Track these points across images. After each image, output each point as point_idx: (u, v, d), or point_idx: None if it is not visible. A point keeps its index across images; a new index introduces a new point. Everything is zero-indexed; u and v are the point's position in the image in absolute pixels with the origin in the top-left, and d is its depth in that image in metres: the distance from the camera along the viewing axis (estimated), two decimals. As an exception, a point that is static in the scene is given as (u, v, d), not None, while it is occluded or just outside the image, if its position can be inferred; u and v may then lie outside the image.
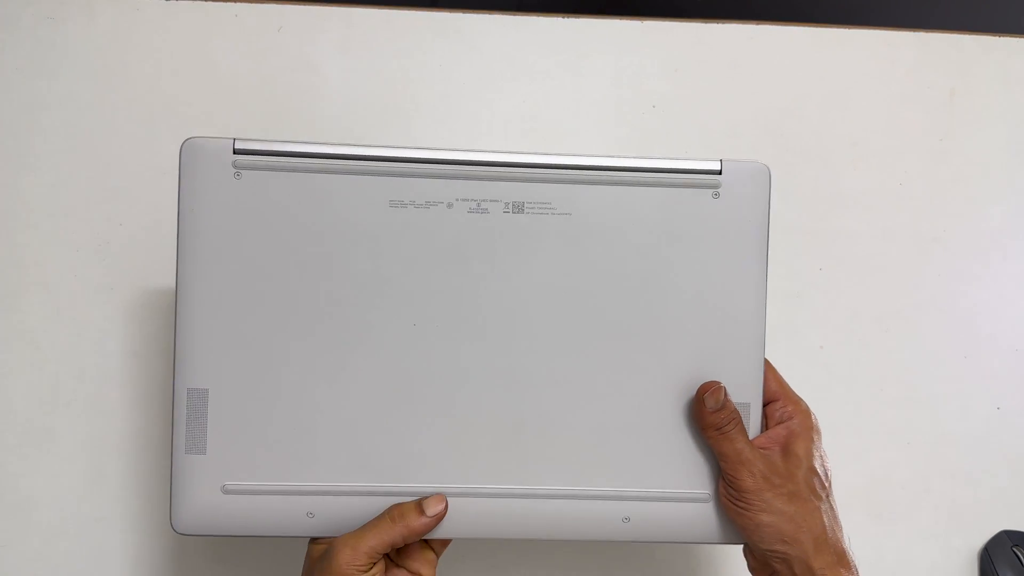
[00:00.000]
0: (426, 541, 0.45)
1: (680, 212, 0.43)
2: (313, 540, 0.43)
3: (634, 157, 0.43)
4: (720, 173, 0.43)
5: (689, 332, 0.44)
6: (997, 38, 0.67)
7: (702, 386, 0.43)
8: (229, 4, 0.61)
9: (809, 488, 0.42)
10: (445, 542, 0.45)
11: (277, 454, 0.43)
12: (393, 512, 0.42)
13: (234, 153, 0.42)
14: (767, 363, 0.45)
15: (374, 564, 0.41)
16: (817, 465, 0.43)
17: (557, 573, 0.59)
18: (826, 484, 0.44)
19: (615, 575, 0.59)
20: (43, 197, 0.58)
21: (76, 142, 0.59)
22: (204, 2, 0.61)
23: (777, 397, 0.45)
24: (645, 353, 0.44)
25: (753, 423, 0.44)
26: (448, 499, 0.43)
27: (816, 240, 0.63)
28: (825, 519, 0.42)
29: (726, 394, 0.43)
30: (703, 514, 0.44)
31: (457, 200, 0.43)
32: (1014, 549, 0.60)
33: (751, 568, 0.45)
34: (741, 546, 0.46)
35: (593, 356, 0.44)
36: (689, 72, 0.64)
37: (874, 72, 0.65)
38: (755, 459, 0.42)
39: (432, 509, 0.42)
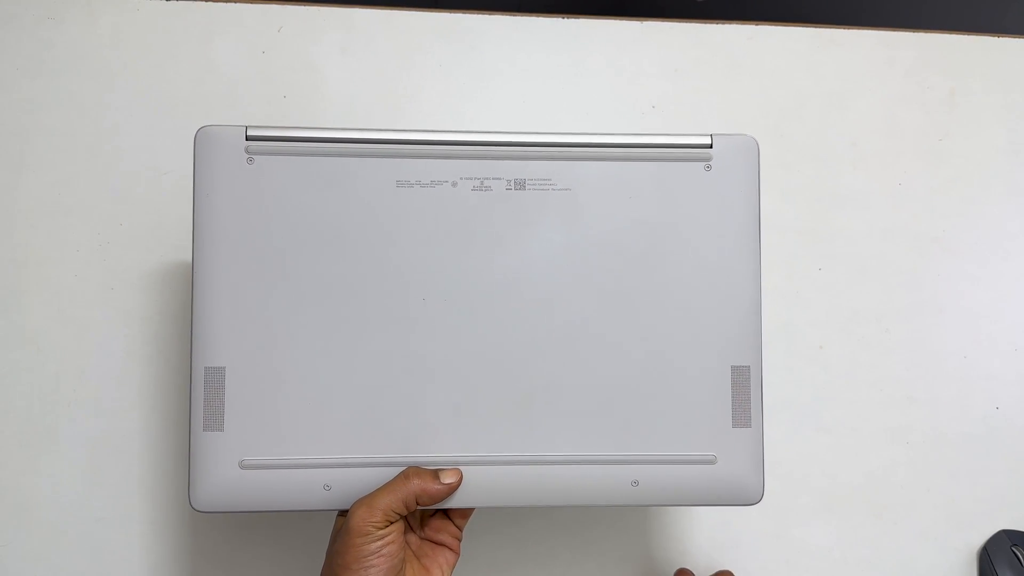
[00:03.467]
0: (447, 515, 0.46)
1: (675, 184, 0.45)
2: (340, 513, 0.44)
3: (631, 134, 0.45)
4: (711, 147, 0.46)
5: (688, 297, 0.45)
6: (997, 38, 0.67)
7: None
8: (229, 4, 0.61)
9: None
10: (465, 514, 0.46)
11: (294, 428, 0.44)
12: (408, 472, 0.43)
13: (247, 139, 0.44)
14: None
15: (391, 523, 0.41)
16: None
17: (556, 571, 0.59)
18: None
19: (612, 573, 0.59)
20: (43, 197, 0.58)
21: (76, 142, 0.59)
22: (204, 2, 0.61)
23: None
24: (647, 319, 0.45)
25: (754, 386, 0.45)
26: (463, 468, 0.44)
27: (816, 240, 0.63)
28: None
29: None
30: (709, 476, 0.45)
31: (461, 179, 0.45)
32: (1013, 549, 0.60)
33: None
34: (748, 507, 0.46)
35: (597, 324, 0.45)
36: (689, 72, 0.64)
37: (874, 72, 0.65)
38: None
39: (447, 478, 0.43)
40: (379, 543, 0.40)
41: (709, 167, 0.45)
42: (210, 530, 0.57)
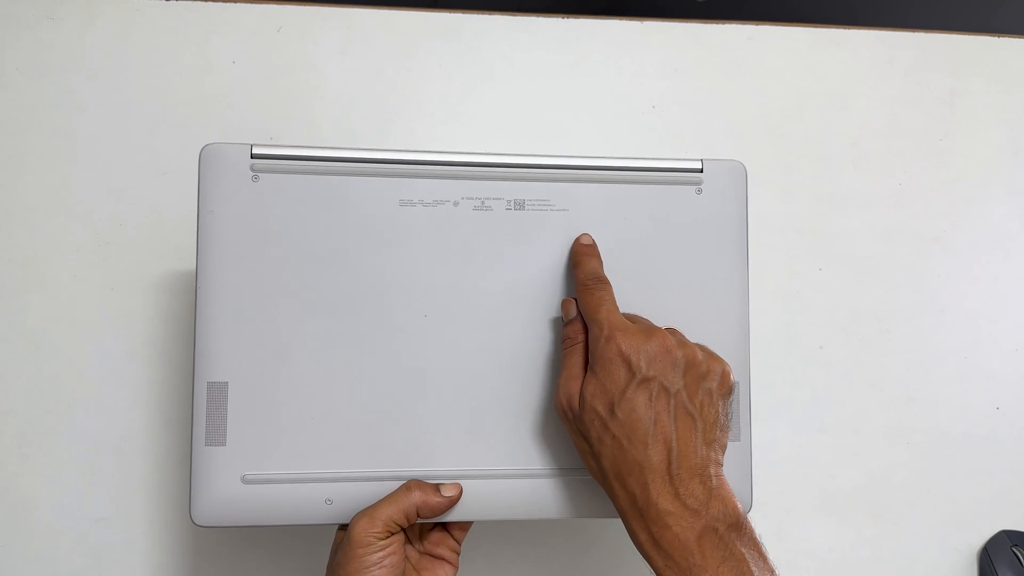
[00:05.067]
0: (446, 529, 0.46)
1: (668, 206, 0.46)
2: (341, 527, 0.44)
3: (626, 157, 0.47)
4: (701, 171, 0.47)
5: (680, 317, 0.46)
6: (997, 38, 0.67)
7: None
8: (229, 4, 0.61)
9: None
10: (464, 528, 0.46)
11: (296, 443, 0.44)
12: (410, 484, 0.43)
13: (251, 157, 0.44)
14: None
15: (391, 534, 0.41)
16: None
17: (557, 572, 0.59)
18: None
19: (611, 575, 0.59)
20: (43, 197, 0.58)
21: (76, 142, 0.59)
22: (204, 2, 0.61)
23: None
24: None
25: (743, 402, 0.46)
26: (463, 482, 0.44)
27: (816, 240, 0.63)
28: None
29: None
30: None
31: (463, 199, 0.45)
32: (1013, 549, 0.60)
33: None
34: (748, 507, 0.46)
35: None
36: (689, 72, 0.64)
37: (874, 72, 0.65)
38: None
39: (448, 491, 0.43)
40: (380, 554, 0.41)
41: (700, 191, 0.47)
42: (210, 531, 0.57)
